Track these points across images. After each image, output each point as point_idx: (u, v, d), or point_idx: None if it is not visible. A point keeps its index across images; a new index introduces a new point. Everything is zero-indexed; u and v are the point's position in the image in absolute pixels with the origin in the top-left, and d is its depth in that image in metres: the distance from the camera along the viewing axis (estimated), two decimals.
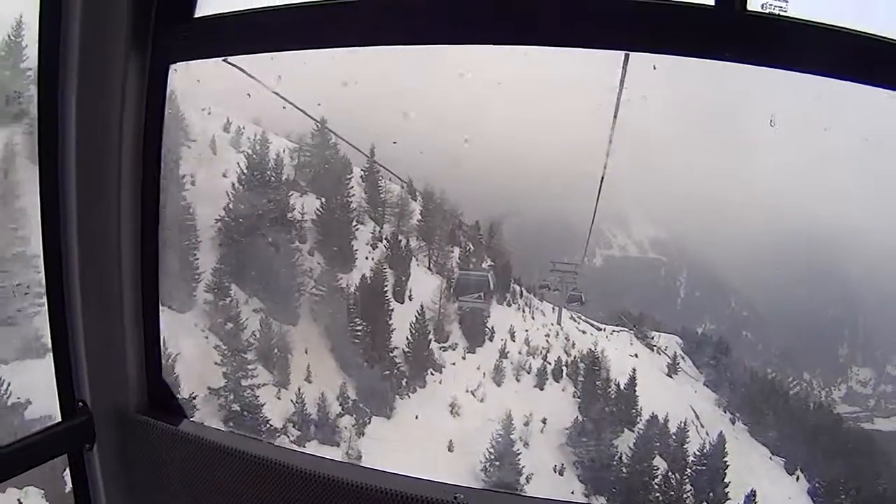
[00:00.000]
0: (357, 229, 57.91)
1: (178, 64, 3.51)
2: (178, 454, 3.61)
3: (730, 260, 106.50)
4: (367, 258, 57.36)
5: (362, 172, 59.92)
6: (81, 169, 3.28)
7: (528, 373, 59.21)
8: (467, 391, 55.15)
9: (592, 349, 59.78)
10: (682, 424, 51.34)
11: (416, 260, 61.42)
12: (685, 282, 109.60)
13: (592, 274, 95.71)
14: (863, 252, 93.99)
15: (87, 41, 3.11)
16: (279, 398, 47.08)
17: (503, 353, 59.66)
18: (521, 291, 68.14)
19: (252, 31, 3.34)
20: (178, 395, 4.17)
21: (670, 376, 61.79)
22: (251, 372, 46.30)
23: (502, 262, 67.16)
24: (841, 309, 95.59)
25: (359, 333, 52.40)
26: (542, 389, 57.81)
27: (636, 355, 62.83)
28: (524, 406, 53.60)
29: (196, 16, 3.38)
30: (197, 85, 38.45)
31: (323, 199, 55.24)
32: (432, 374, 55.43)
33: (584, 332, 65.67)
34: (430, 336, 56.20)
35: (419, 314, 55.30)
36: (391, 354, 53.03)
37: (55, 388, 3.53)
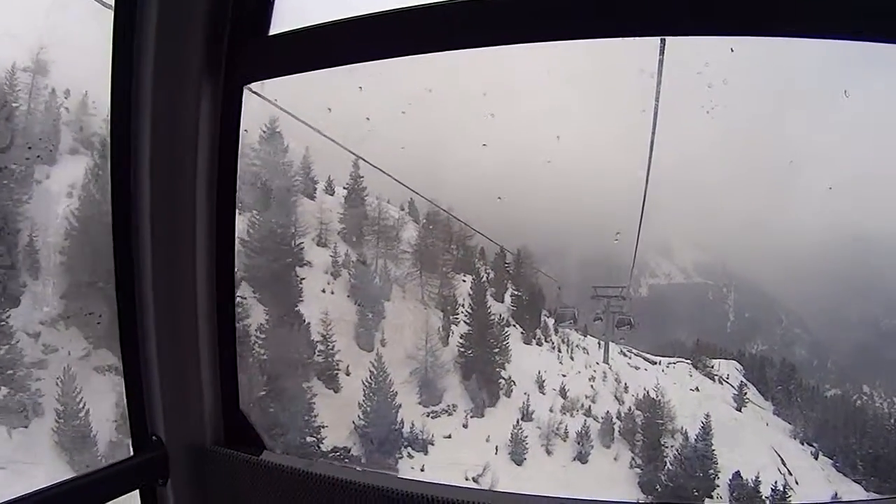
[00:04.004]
0: (301, 247, 46.74)
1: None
2: (259, 486, 3.44)
3: (777, 277, 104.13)
4: (323, 291, 46.65)
5: (344, 190, 51.88)
6: (155, 198, 3.24)
7: (565, 439, 46.92)
8: (467, 479, 41.34)
9: (651, 393, 51.08)
10: (781, 488, 43.56)
11: (403, 291, 51.01)
12: (733, 304, 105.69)
13: (640, 304, 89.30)
14: None
15: (160, 65, 3.12)
16: None
17: (526, 414, 47.35)
18: (556, 326, 58.49)
19: (329, 45, 3.27)
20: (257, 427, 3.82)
21: (739, 410, 54.74)
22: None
23: (530, 291, 57.71)
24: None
25: (271, 401, 39.09)
26: (584, 462, 45.80)
27: (697, 388, 56.19)
28: (559, 494, 37.79)
29: (270, 34, 3.34)
30: None
31: (254, 213, 44.10)
32: (410, 457, 42.83)
33: (637, 368, 58.32)
34: (393, 394, 43.33)
35: (376, 363, 42.39)
36: (318, 437, 40.12)
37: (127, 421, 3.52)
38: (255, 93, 3.51)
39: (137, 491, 3.44)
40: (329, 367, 42.31)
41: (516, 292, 56.43)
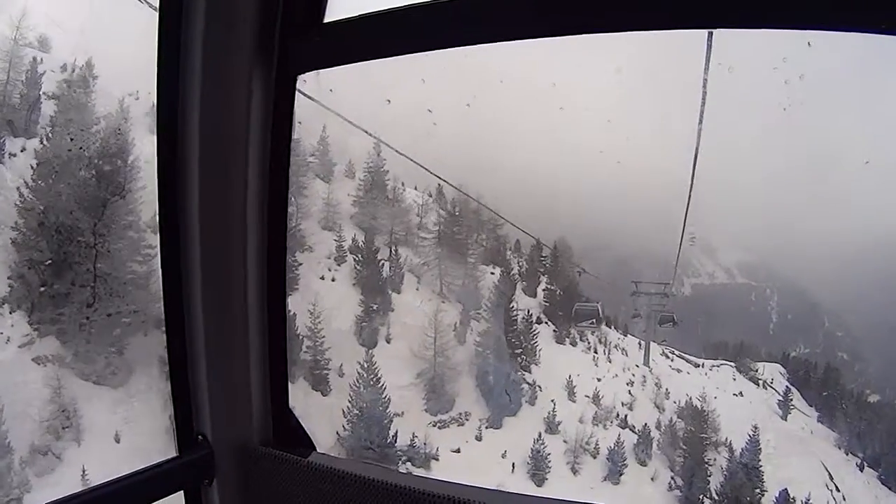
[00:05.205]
0: (298, 227, 44.01)
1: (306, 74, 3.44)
2: (308, 488, 3.35)
3: (821, 279, 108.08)
4: (323, 277, 43.78)
5: (366, 173, 49.88)
6: (204, 190, 3.16)
7: (595, 455, 43.03)
8: None
9: (694, 400, 48.19)
10: None
11: (419, 281, 47.73)
12: (776, 305, 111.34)
13: (683, 303, 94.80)
14: None
15: (209, 55, 3.05)
16: None
17: (552, 425, 43.46)
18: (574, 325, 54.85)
19: (386, 34, 3.10)
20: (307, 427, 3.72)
21: (784, 418, 53.94)
22: None
23: (565, 286, 55.12)
24: None
25: None
26: (616, 483, 42.00)
27: (741, 393, 56.06)
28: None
29: (325, 21, 3.22)
30: None
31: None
32: (408, 473, 36.56)
33: (679, 371, 57.54)
34: (392, 400, 39.37)
35: (366, 363, 38.38)
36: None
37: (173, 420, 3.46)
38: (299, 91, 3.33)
39: (182, 491, 3.42)
40: (317, 366, 39.11)
41: (550, 286, 53.95)
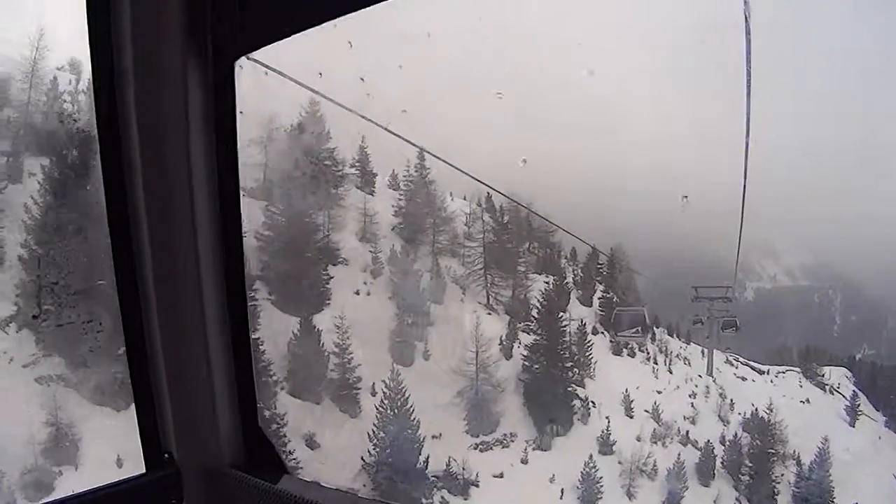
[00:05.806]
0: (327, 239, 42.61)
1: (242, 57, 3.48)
2: None
3: (881, 275, 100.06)
4: (357, 292, 41.94)
5: (410, 173, 48.06)
6: (150, 196, 3.19)
7: (653, 477, 40.76)
8: None
9: (760, 411, 46.12)
10: None
11: (463, 292, 46.09)
12: (839, 306, 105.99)
13: (746, 309, 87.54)
14: None
15: (139, 50, 3.08)
16: None
17: (606, 444, 41.28)
18: (654, 333, 53.09)
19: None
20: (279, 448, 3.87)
21: (852, 425, 51.35)
22: None
23: (621, 293, 53.38)
24: None
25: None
26: None
27: (808, 400, 53.09)
28: None
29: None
30: None
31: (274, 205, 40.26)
32: (444, 502, 37.11)
33: (744, 380, 54.69)
34: (427, 421, 37.41)
35: (399, 381, 36.47)
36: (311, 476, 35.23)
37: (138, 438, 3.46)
38: (268, 66, 3.46)
39: None
40: (346, 386, 37.63)
41: (606, 295, 51.93)
